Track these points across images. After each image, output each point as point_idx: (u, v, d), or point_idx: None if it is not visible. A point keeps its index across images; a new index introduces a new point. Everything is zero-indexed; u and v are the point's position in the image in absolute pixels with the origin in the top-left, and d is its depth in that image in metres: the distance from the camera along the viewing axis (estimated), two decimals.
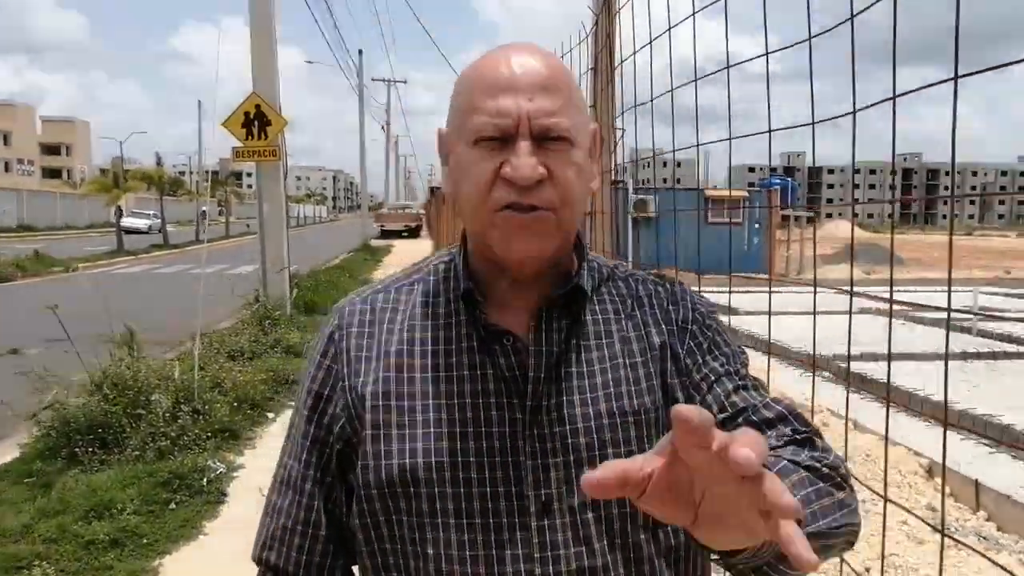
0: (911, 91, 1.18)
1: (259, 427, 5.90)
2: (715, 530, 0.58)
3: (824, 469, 0.83)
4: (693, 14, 1.89)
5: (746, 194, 20.95)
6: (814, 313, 1.64)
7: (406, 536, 0.89)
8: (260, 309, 9.28)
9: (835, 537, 0.80)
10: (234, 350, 7.69)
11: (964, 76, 1.06)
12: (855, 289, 1.51)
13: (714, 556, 0.80)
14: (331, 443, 0.94)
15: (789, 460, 0.81)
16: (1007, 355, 8.36)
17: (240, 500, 4.43)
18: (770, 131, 1.52)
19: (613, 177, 3.27)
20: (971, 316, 9.44)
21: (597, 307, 0.96)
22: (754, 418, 0.89)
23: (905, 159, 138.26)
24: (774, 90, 1.74)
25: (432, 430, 0.89)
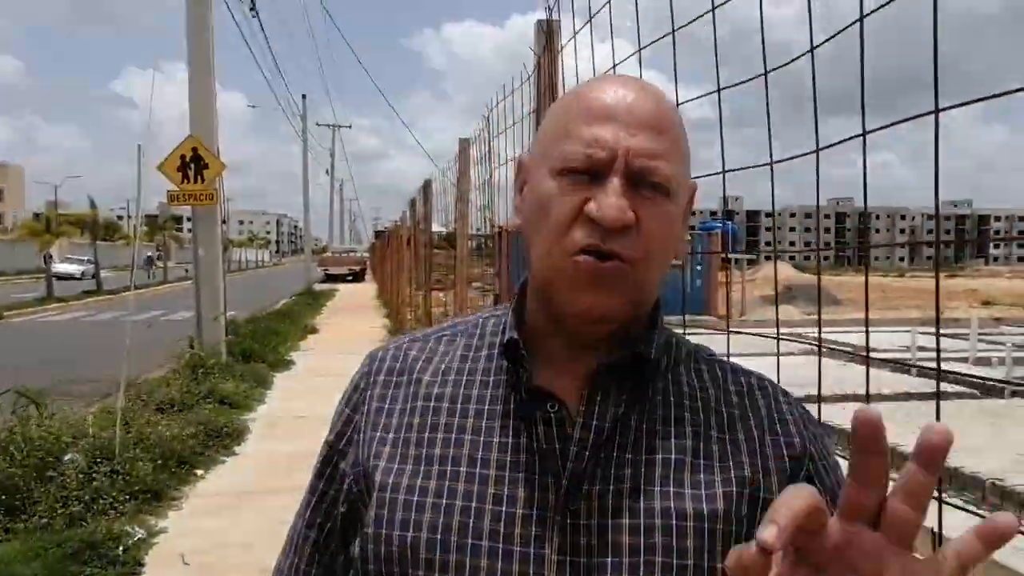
0: (830, 145, 1.17)
1: (186, 486, 5.54)
2: None
3: None
4: (639, 50, 1.80)
5: (688, 237, 21.26)
6: (777, 355, 1.53)
7: None
8: (193, 357, 8.90)
9: None
10: (163, 402, 7.30)
11: (871, 131, 1.06)
12: (796, 331, 1.41)
13: None
14: (338, 503, 0.83)
15: None
16: (946, 395, 8.50)
17: (159, 570, 4.10)
18: (724, 171, 1.42)
19: None
20: (909, 355, 9.60)
21: (670, 387, 0.81)
22: None
23: (839, 203, 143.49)
24: (709, 136, 1.69)
25: (444, 500, 0.75)
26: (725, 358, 0.87)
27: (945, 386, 9.05)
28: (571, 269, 0.73)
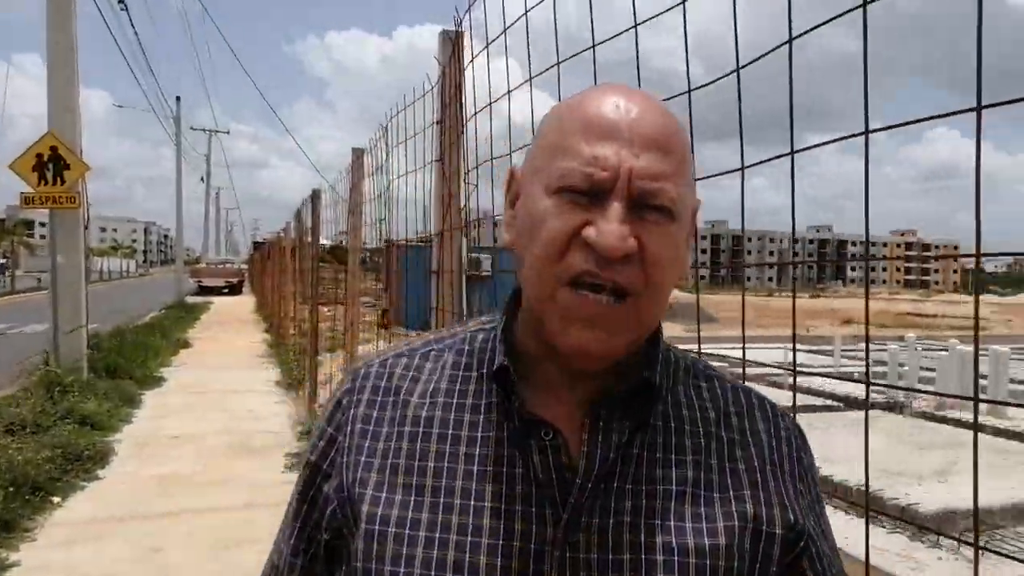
0: (706, 177, 1.24)
1: (41, 515, 5.05)
2: None
3: None
4: (528, 79, 1.78)
5: None
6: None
7: None
8: (49, 374, 8.19)
9: None
10: (13, 423, 6.65)
11: (749, 166, 1.14)
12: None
13: None
14: (322, 529, 0.78)
15: None
16: (815, 408, 9.01)
17: None
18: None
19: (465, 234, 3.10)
20: (782, 371, 10.10)
21: (671, 411, 0.77)
22: None
23: (713, 225, 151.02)
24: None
25: (437, 534, 0.71)
26: (723, 372, 0.85)
27: (812, 398, 9.60)
28: (564, 300, 0.68)
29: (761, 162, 1.16)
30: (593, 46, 1.60)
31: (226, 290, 39.60)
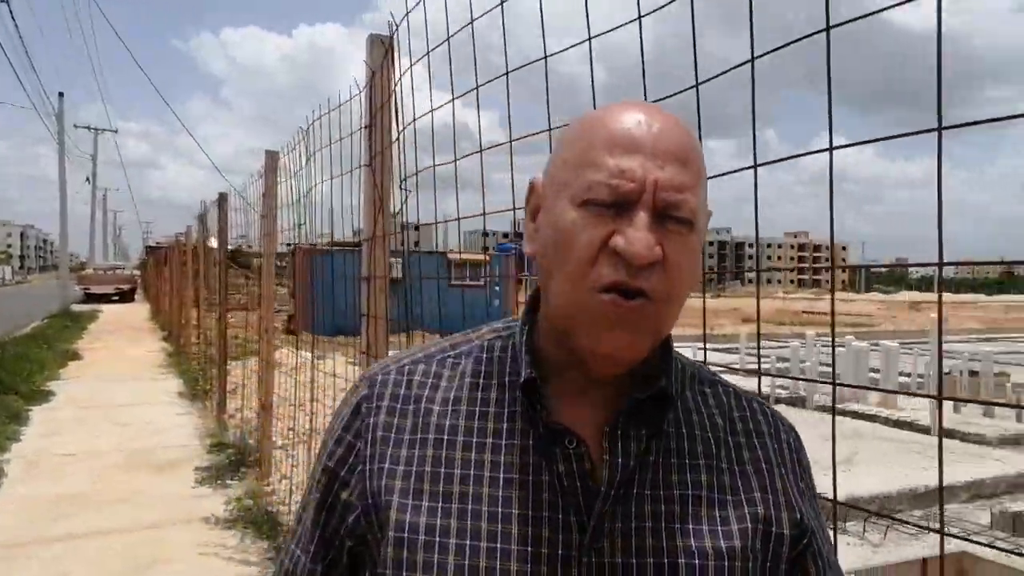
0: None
1: None
2: None
3: None
4: (452, 99, 1.77)
5: (488, 258, 21.77)
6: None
7: None
8: None
9: None
10: None
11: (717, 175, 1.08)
12: None
13: None
14: (343, 537, 0.78)
15: None
16: None
17: None
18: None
19: (398, 240, 3.05)
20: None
21: (682, 416, 0.80)
22: None
23: None
24: (502, 160, 1.84)
25: (468, 542, 0.72)
26: (726, 379, 0.88)
27: None
28: (596, 307, 0.70)
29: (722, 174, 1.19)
30: (546, 56, 1.60)
31: (116, 297, 37.54)
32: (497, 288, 19.84)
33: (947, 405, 9.84)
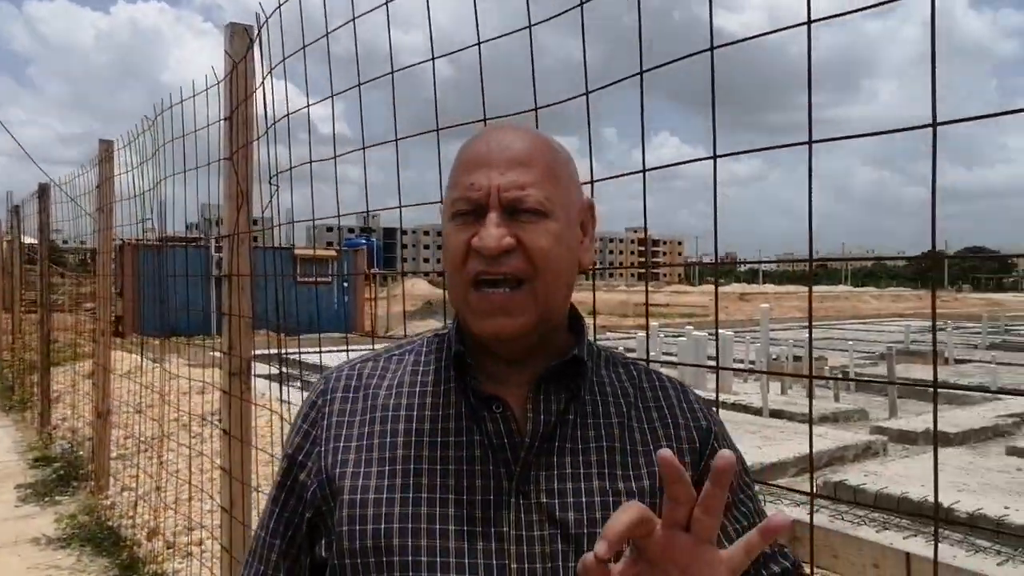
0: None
1: None
2: None
3: None
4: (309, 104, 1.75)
5: (335, 254, 21.23)
6: None
7: None
8: None
9: None
10: None
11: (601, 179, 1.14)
12: None
13: None
14: (301, 511, 0.90)
15: None
16: None
17: None
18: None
19: (268, 237, 2.92)
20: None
21: (596, 388, 0.93)
22: (764, 572, 0.90)
23: None
24: (351, 155, 1.93)
25: (411, 495, 0.85)
26: (640, 362, 1.01)
27: None
28: (472, 301, 0.85)
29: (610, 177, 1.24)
30: (433, 60, 1.60)
31: None
32: (346, 285, 19.43)
33: (774, 388, 10.73)
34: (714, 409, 1.00)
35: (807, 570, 0.97)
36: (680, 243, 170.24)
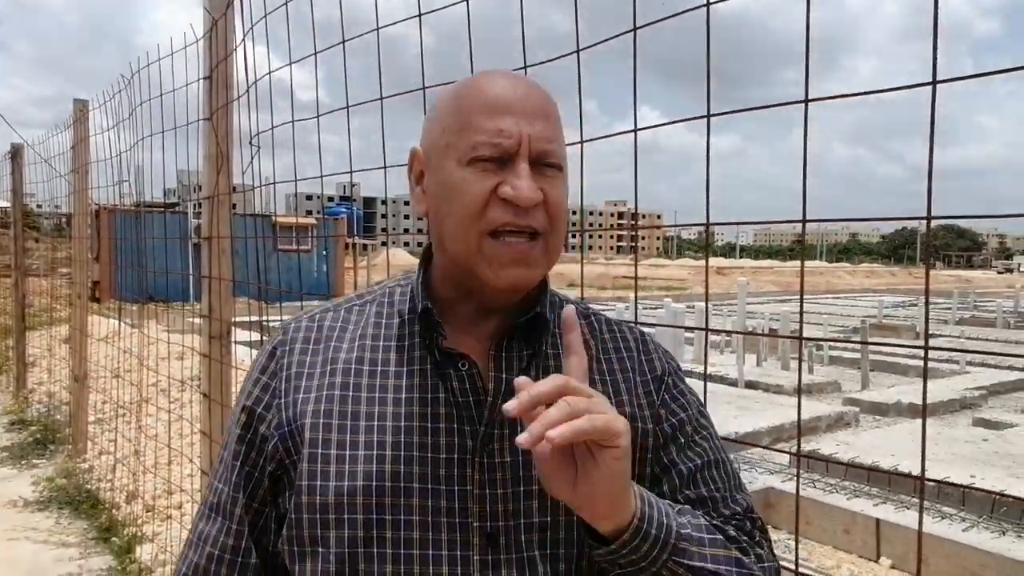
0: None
1: None
2: (586, 499, 0.72)
3: (734, 533, 0.86)
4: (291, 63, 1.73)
5: (314, 222, 21.05)
6: None
7: (334, 569, 0.82)
8: None
9: None
10: None
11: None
12: None
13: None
14: (263, 464, 0.88)
15: (707, 522, 0.85)
16: None
17: None
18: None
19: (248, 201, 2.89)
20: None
21: (559, 341, 0.89)
22: (713, 514, 0.89)
23: None
24: (328, 123, 1.96)
25: (375, 452, 0.83)
26: (602, 313, 1.01)
27: None
28: (491, 249, 0.81)
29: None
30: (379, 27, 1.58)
31: None
32: (325, 253, 19.31)
33: (750, 360, 10.87)
34: (675, 359, 1.01)
35: (770, 525, 0.97)
36: (659, 216, 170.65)
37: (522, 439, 0.65)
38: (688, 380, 1.00)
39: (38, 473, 4.99)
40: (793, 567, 1.18)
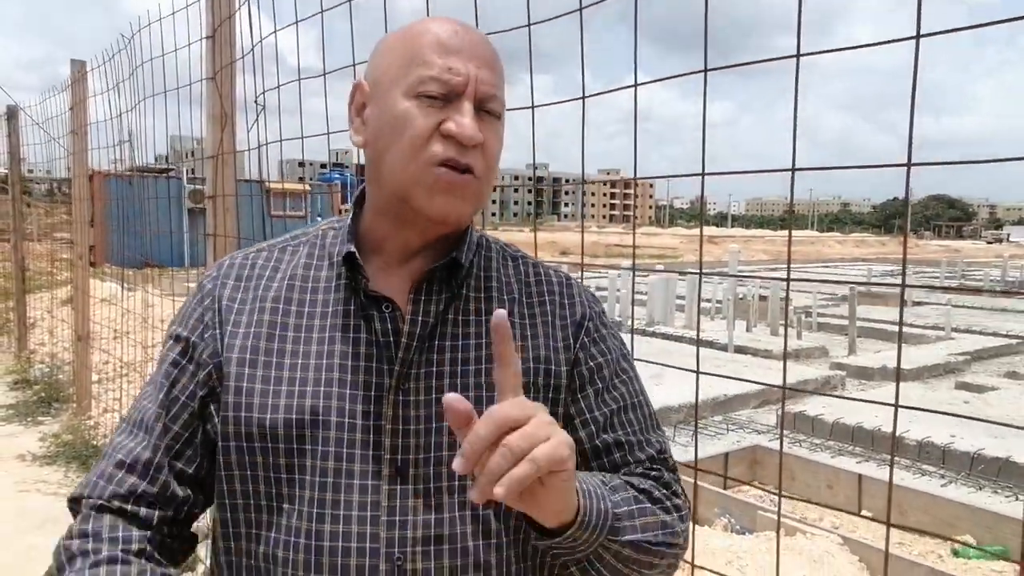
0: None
1: None
2: (533, 509, 0.75)
3: (657, 493, 0.91)
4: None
5: (308, 188, 20.98)
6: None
7: (260, 491, 0.88)
8: None
9: (654, 552, 0.88)
10: None
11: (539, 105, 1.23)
12: None
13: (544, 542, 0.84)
14: (193, 390, 0.91)
15: (627, 481, 0.90)
16: None
17: None
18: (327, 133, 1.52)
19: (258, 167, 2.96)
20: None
21: (482, 284, 0.95)
22: (629, 458, 0.94)
23: None
24: (318, 85, 2.03)
25: (297, 388, 0.88)
26: (531, 256, 1.04)
27: None
28: (432, 178, 0.84)
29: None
30: None
31: None
32: (319, 218, 19.30)
33: (739, 327, 11.02)
34: (599, 302, 1.02)
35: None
36: (651, 185, 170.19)
37: (463, 472, 0.67)
38: (679, 344, 1.03)
39: (44, 430, 5.10)
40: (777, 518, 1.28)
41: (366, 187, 0.95)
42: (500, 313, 0.71)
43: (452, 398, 0.67)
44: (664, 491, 0.92)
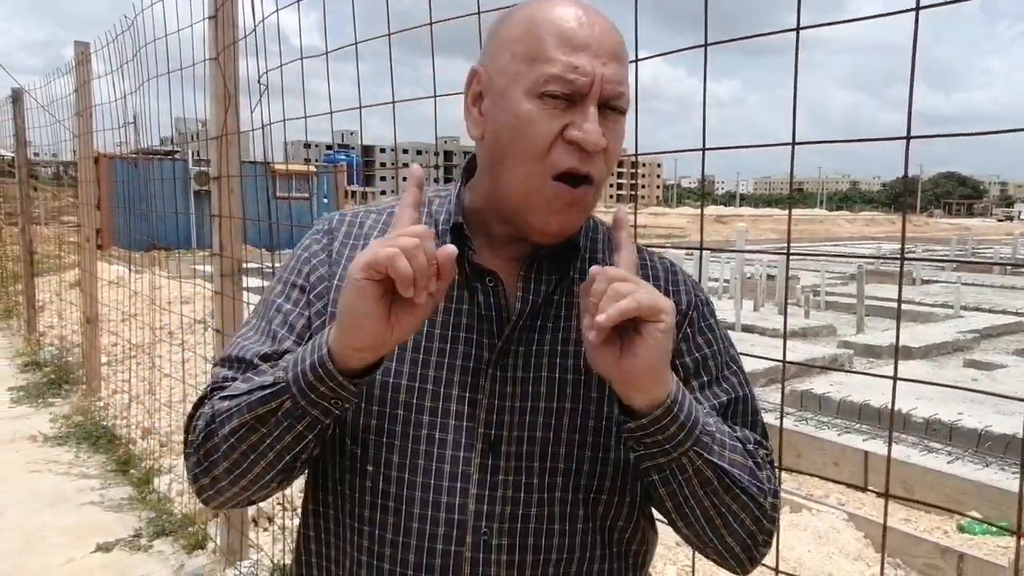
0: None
1: None
2: (628, 372, 0.74)
3: (751, 447, 0.88)
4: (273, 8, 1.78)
5: (314, 169, 20.97)
6: None
7: (350, 450, 0.88)
8: None
9: (737, 493, 0.83)
10: None
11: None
12: None
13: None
14: (307, 323, 0.90)
15: (730, 432, 0.86)
16: None
17: None
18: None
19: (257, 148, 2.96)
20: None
21: (587, 267, 0.88)
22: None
23: (446, 141, 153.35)
24: (319, 67, 2.07)
25: (396, 352, 0.86)
26: (637, 241, 1.00)
27: None
28: (550, 193, 0.81)
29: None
30: None
31: None
32: (326, 200, 19.29)
33: (747, 306, 11.00)
34: (704, 292, 0.99)
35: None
36: (659, 165, 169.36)
37: (593, 323, 0.72)
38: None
39: (55, 411, 5.15)
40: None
41: (479, 172, 0.91)
42: (621, 209, 0.78)
43: (595, 269, 0.75)
44: (761, 460, 0.88)
